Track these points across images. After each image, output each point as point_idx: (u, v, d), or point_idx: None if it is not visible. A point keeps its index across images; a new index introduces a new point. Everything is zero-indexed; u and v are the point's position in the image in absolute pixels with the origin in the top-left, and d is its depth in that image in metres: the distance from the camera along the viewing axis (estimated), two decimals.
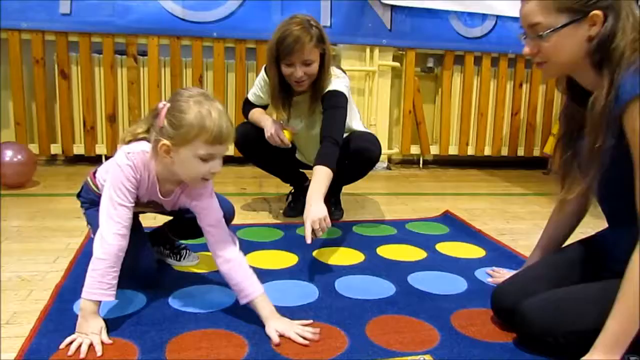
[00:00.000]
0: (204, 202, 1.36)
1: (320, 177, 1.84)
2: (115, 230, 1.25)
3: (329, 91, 2.00)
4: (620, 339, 1.03)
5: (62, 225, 2.08)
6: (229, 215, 1.58)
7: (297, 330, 1.27)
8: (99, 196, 1.34)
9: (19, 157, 2.60)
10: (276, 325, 1.27)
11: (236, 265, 1.33)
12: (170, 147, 1.23)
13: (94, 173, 1.51)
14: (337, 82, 2.03)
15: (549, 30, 1.10)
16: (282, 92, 2.06)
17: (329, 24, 3.28)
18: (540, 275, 1.33)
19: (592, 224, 1.41)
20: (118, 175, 1.27)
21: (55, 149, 3.20)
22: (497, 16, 3.54)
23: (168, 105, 1.24)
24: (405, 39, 3.46)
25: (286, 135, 2.05)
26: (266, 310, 1.30)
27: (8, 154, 2.56)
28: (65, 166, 3.27)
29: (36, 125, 3.16)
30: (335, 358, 1.18)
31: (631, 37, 1.08)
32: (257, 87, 2.21)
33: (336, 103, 1.99)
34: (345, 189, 2.42)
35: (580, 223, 1.42)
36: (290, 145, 2.11)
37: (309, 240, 1.60)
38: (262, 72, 2.17)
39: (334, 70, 2.05)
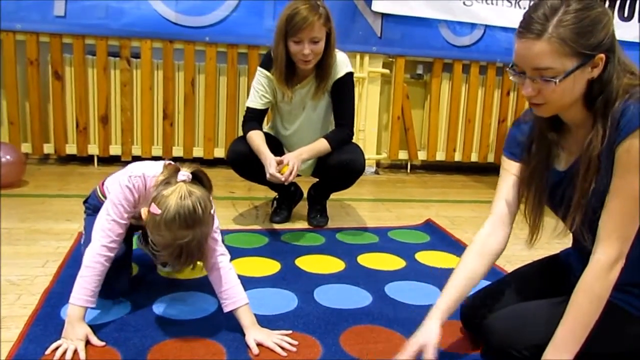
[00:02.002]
0: None
1: (316, 144, 2.15)
2: (105, 242, 1.32)
3: (340, 78, 2.16)
4: (569, 344, 1.10)
5: (52, 228, 2.14)
6: None
7: (275, 340, 1.33)
8: (102, 203, 1.42)
9: (8, 157, 2.65)
10: (255, 335, 1.33)
11: (224, 274, 1.39)
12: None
13: (103, 182, 1.59)
14: (343, 62, 2.16)
15: (561, 77, 1.06)
16: (288, 71, 2.11)
17: None
18: (507, 290, 1.40)
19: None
20: (118, 194, 1.36)
21: (48, 148, 3.25)
22: (486, 26, 3.60)
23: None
24: (395, 46, 3.52)
25: (283, 170, 2.01)
26: (247, 320, 1.36)
27: None
28: (57, 166, 3.31)
29: (29, 125, 3.20)
30: None
31: (625, 78, 1.09)
32: (258, 88, 2.20)
33: (347, 86, 2.20)
34: (332, 194, 2.48)
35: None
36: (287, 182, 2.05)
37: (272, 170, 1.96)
38: (259, 73, 2.20)
39: (338, 53, 2.16)
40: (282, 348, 1.31)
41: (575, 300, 1.12)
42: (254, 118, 2.22)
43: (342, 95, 2.21)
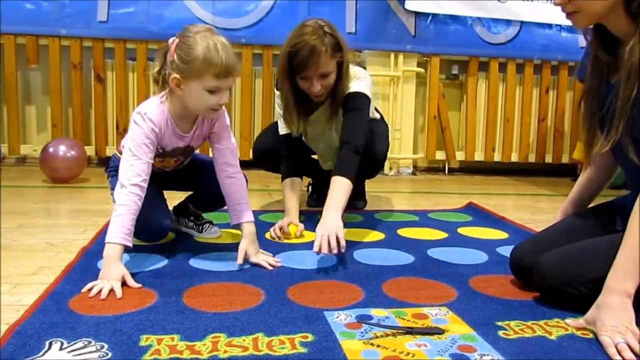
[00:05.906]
0: (220, 126, 1.54)
1: (338, 189, 1.68)
2: (134, 181, 1.32)
3: (349, 93, 1.86)
4: (632, 268, 1.02)
5: (91, 208, 2.15)
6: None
7: (262, 257, 1.46)
8: None
9: (72, 152, 2.71)
10: (248, 246, 1.45)
11: (238, 190, 1.51)
12: (180, 80, 1.32)
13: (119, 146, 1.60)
14: (358, 83, 1.88)
15: None
16: (298, 103, 1.89)
17: (353, 30, 3.36)
18: (557, 233, 1.32)
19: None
20: (137, 132, 1.37)
21: (89, 150, 3.30)
22: (521, 22, 3.56)
23: (177, 40, 1.33)
24: (429, 45, 3.50)
25: (292, 230, 1.80)
26: (247, 230, 1.48)
27: (62, 149, 2.68)
28: (98, 167, 3.36)
29: (72, 127, 3.29)
30: (350, 306, 1.19)
31: None
32: (281, 114, 2.01)
33: (357, 105, 1.85)
34: (370, 188, 2.43)
35: (609, 181, 1.40)
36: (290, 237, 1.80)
37: (316, 249, 1.44)
38: (277, 97, 2.00)
39: (354, 69, 1.89)
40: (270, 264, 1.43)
41: (633, 222, 1.05)
42: (289, 146, 2.03)
43: (351, 112, 1.85)
